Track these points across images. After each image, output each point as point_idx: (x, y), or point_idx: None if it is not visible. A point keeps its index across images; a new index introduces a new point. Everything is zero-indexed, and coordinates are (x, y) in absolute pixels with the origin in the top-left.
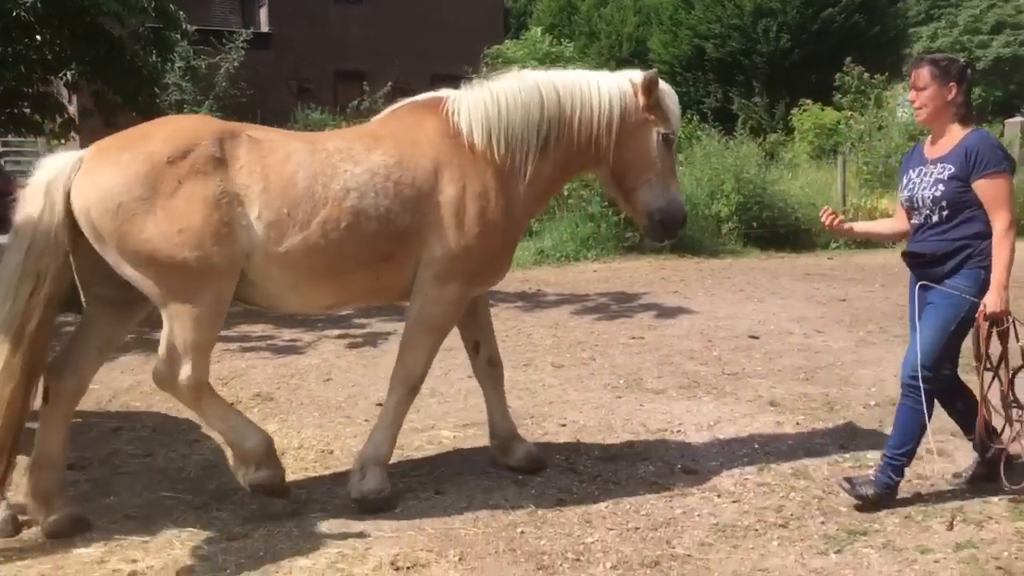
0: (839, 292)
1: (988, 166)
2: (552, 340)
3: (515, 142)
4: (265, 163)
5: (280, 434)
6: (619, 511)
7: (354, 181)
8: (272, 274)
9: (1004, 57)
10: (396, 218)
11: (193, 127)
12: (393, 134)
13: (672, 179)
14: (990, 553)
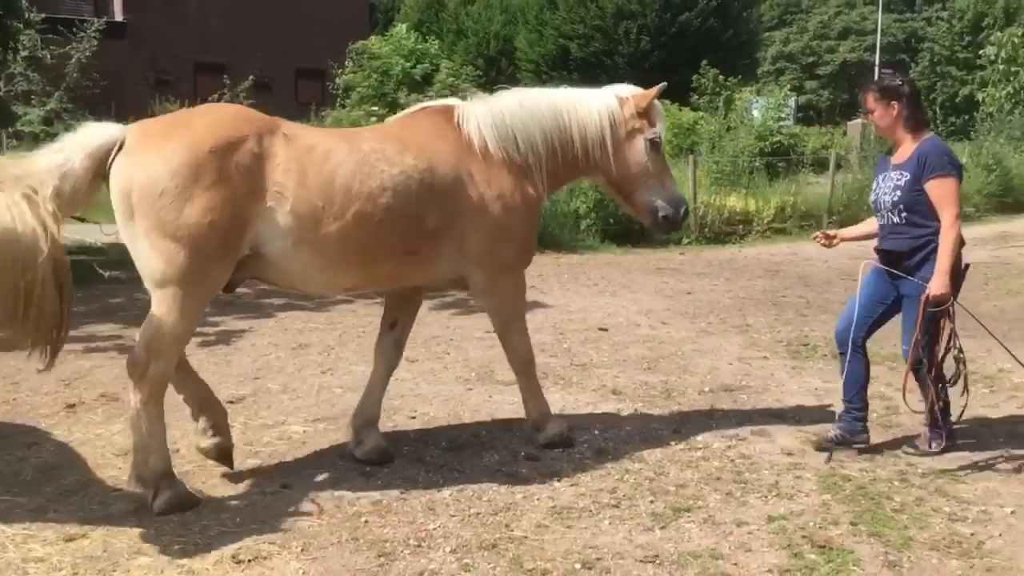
0: (686, 286)
1: (936, 169)
2: None
3: (523, 152)
4: (302, 160)
5: (124, 434)
6: (462, 498)
7: (391, 181)
8: (302, 259)
9: (851, 61)
10: (426, 218)
11: (235, 120)
12: (418, 139)
13: (667, 177)
14: (798, 523)
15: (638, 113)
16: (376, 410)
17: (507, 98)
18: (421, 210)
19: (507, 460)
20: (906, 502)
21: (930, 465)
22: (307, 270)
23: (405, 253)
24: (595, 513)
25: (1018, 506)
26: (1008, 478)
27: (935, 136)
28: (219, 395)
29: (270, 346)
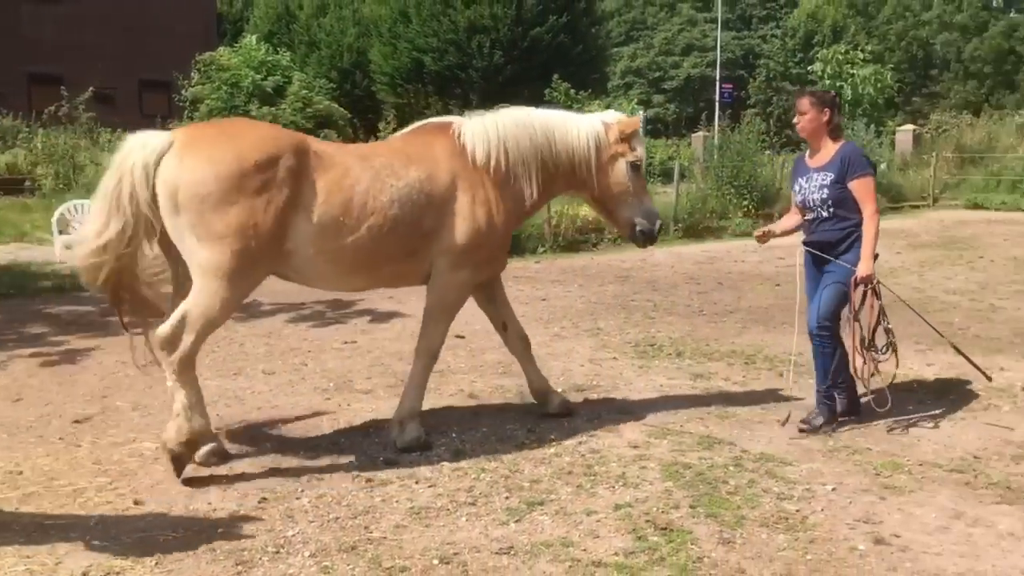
0: (541, 293)
1: (858, 170)
2: (265, 348)
3: (512, 164)
4: (327, 177)
5: None
6: (321, 504)
7: (397, 194)
8: (319, 265)
9: (694, 76)
10: (423, 222)
11: (276, 137)
12: (419, 152)
13: (645, 196)
14: (642, 509)
15: (621, 138)
16: (542, 382)
17: (502, 115)
18: (420, 216)
19: (366, 465)
20: (740, 485)
21: (762, 450)
22: (323, 274)
23: (406, 255)
24: (452, 511)
25: (838, 483)
26: (830, 458)
27: (851, 142)
28: (63, 417)
29: (119, 364)
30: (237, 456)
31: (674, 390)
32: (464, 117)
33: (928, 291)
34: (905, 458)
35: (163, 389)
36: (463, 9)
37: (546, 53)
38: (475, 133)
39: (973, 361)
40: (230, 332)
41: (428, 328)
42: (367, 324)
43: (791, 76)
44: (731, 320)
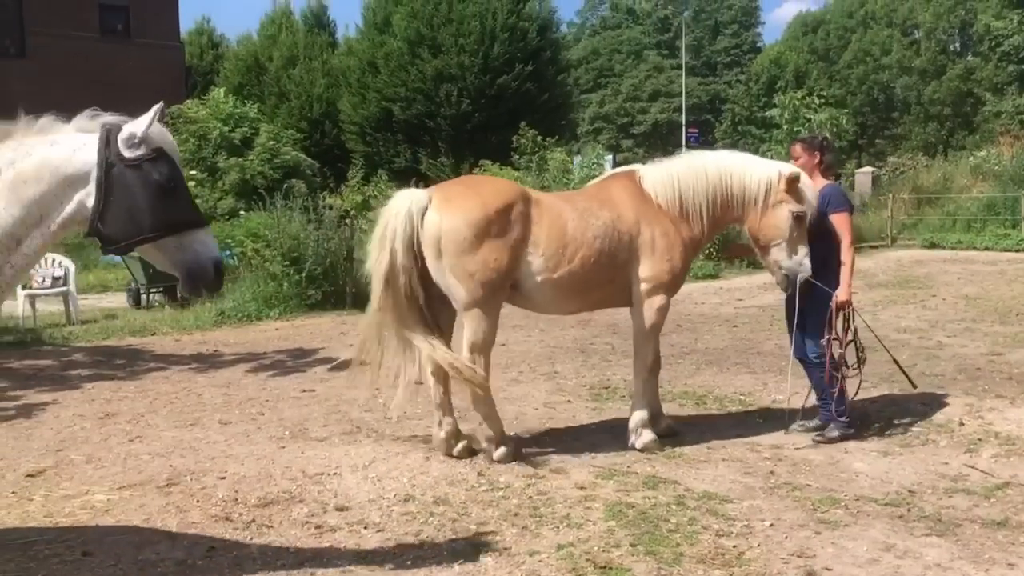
0: (501, 338)
1: (836, 206)
2: (223, 398)
3: (686, 203)
4: (549, 218)
5: None
6: (269, 551)
7: (600, 231)
8: (544, 292)
9: (661, 121)
10: (618, 254)
11: (510, 189)
12: (610, 196)
13: (800, 246)
14: (584, 549)
15: (788, 188)
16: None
17: (677, 162)
18: (616, 249)
19: (316, 512)
20: (680, 522)
21: (705, 488)
22: (546, 300)
23: (607, 282)
24: (399, 555)
25: (776, 519)
26: (770, 495)
27: (835, 183)
28: (17, 470)
29: (75, 417)
30: (187, 507)
31: (625, 432)
32: (646, 165)
33: (879, 330)
34: (842, 493)
35: (118, 441)
36: (430, 59)
37: (513, 100)
38: (654, 179)
39: (903, 368)
40: (190, 384)
41: (640, 348)
42: (326, 372)
43: (756, 120)
44: (686, 362)
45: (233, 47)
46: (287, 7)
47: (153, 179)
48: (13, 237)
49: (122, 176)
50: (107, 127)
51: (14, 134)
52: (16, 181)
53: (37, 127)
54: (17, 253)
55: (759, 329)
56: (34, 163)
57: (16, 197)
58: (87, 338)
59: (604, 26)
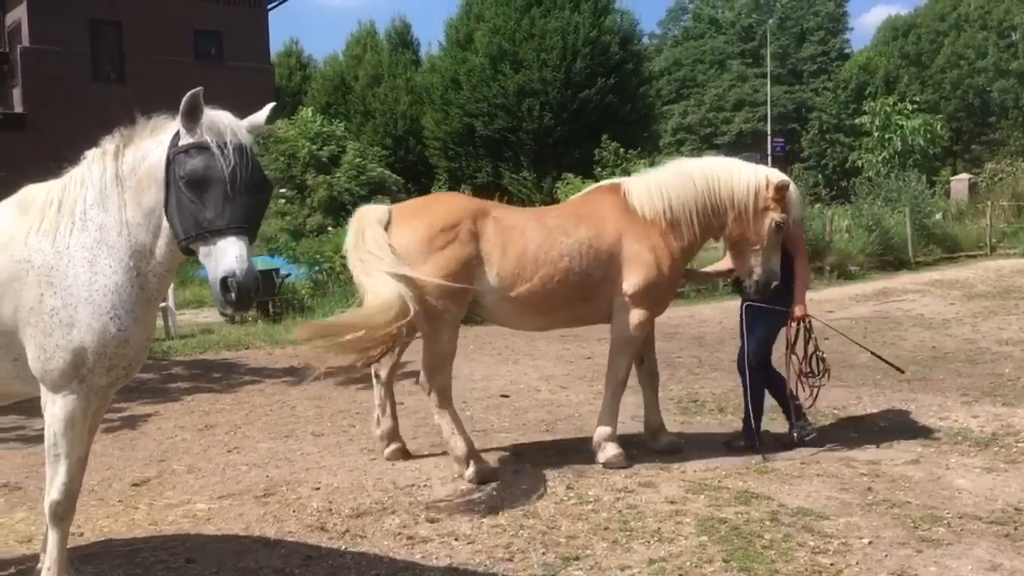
0: (587, 351)
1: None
2: (315, 411)
3: (675, 213)
4: (504, 236)
5: (28, 521)
6: (363, 561)
7: (569, 249)
8: (504, 308)
9: (745, 131)
10: (592, 273)
11: (459, 206)
12: (590, 212)
13: (774, 255)
14: (676, 564)
15: (775, 196)
16: (657, 418)
17: (663, 170)
18: (590, 268)
19: (408, 523)
20: (775, 539)
21: (799, 504)
22: (508, 316)
23: (579, 300)
24: (490, 567)
25: (875, 537)
26: (868, 511)
27: None
28: (123, 480)
29: (176, 428)
30: (284, 517)
31: (715, 446)
32: (631, 178)
33: (980, 342)
34: (944, 510)
35: (217, 452)
36: (512, 74)
37: (595, 114)
38: (640, 191)
39: (884, 358)
40: (283, 396)
41: (614, 361)
42: (414, 386)
43: (844, 128)
44: None
45: (320, 67)
46: (372, 27)
47: (181, 174)
48: (145, 246)
49: (177, 172)
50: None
51: (135, 139)
52: (137, 188)
53: (150, 127)
54: (153, 261)
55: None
56: (146, 168)
57: (137, 204)
58: (185, 352)
59: (686, 36)
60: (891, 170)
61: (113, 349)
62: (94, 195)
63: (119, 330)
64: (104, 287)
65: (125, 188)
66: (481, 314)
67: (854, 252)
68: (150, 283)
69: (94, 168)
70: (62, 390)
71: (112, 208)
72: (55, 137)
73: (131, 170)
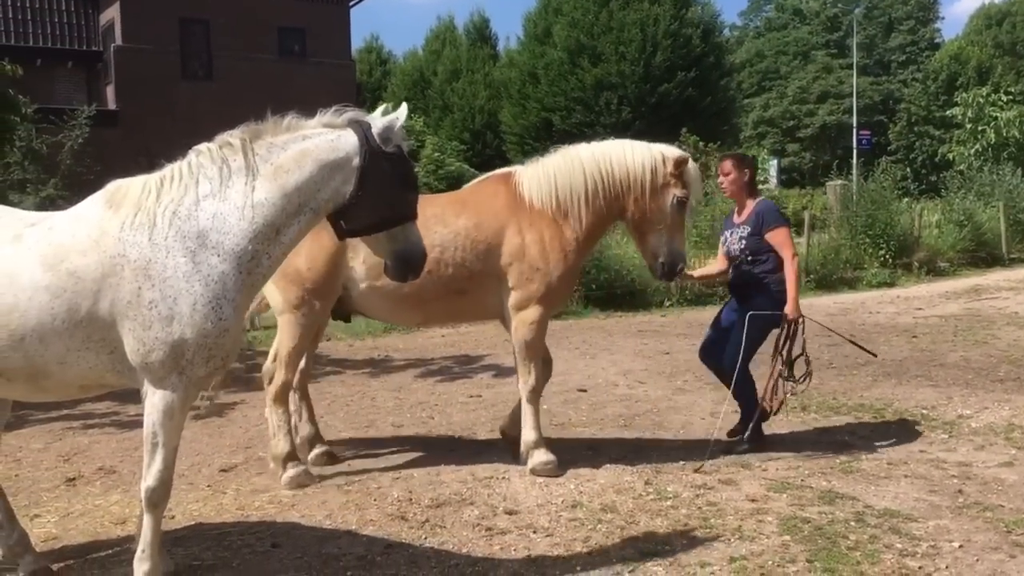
0: (664, 346)
1: (771, 223)
2: (395, 402)
3: (563, 201)
4: None
5: (123, 503)
6: (443, 552)
7: (443, 239)
8: (373, 301)
9: (830, 124)
10: (469, 264)
11: None
12: (476, 201)
13: (678, 234)
14: (757, 563)
15: (675, 172)
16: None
17: (553, 156)
18: (465, 259)
19: (486, 514)
20: (860, 540)
21: (886, 506)
22: (379, 309)
23: (455, 294)
24: (568, 560)
25: (966, 540)
26: (959, 515)
27: (766, 199)
28: (212, 465)
29: (261, 417)
30: (366, 505)
31: (797, 444)
32: (523, 165)
33: None
34: None
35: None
36: (590, 68)
37: (674, 107)
38: (529, 180)
39: (856, 342)
40: (364, 387)
41: (521, 369)
42: (492, 379)
43: (934, 120)
44: (861, 373)
45: (400, 63)
46: (451, 23)
47: (400, 172)
48: (273, 226)
49: (378, 167)
50: (359, 122)
51: (264, 133)
52: (277, 171)
53: (284, 124)
54: (276, 243)
55: (941, 340)
56: (293, 154)
57: (277, 186)
58: (269, 343)
59: (769, 27)
60: (984, 163)
61: (213, 340)
62: (210, 187)
63: (220, 319)
64: (207, 277)
65: (257, 175)
66: (352, 307)
67: (944, 248)
68: (262, 266)
69: (210, 161)
70: (162, 382)
71: (234, 196)
72: (146, 133)
73: (264, 160)
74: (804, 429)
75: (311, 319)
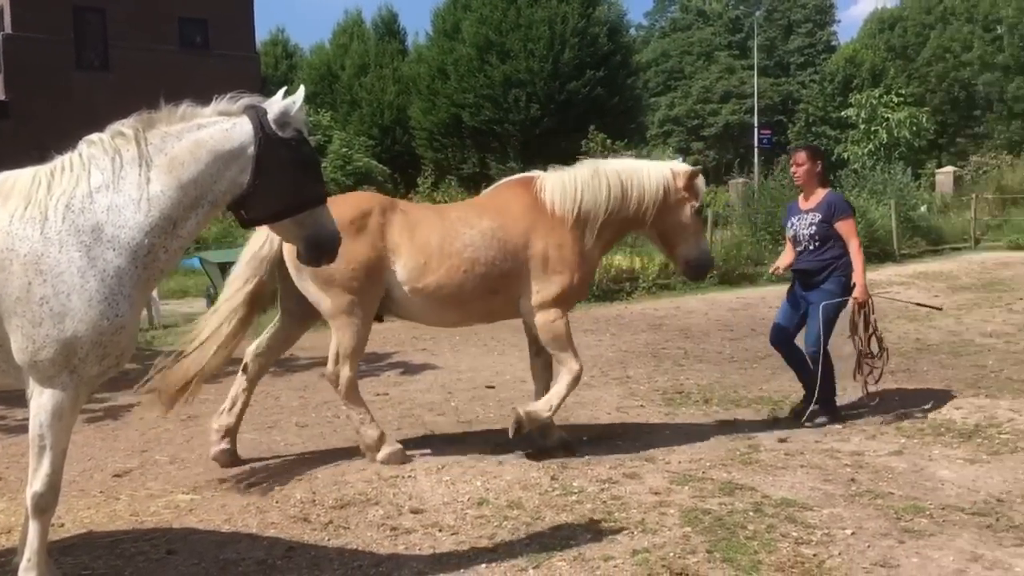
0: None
1: (841, 213)
2: (299, 402)
3: (584, 212)
4: (412, 228)
5: (8, 512)
6: (346, 553)
7: (472, 240)
8: (415, 302)
9: (732, 123)
10: (499, 264)
11: (367, 201)
12: (497, 205)
13: (701, 237)
14: (659, 555)
15: (686, 185)
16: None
17: (579, 168)
18: (495, 259)
19: (392, 514)
20: (758, 530)
21: (783, 496)
22: (421, 310)
23: (489, 293)
24: (473, 559)
25: (858, 528)
26: (851, 503)
27: (835, 190)
28: (105, 470)
29: (158, 419)
30: (267, 508)
31: (699, 437)
32: (546, 172)
33: (964, 334)
34: (927, 501)
35: (200, 443)
36: (499, 64)
37: (583, 105)
38: (553, 188)
39: (921, 303)
40: (267, 386)
41: (560, 359)
42: (399, 376)
43: (830, 120)
44: (761, 367)
45: (307, 56)
46: (359, 16)
47: (300, 157)
48: (170, 220)
49: (275, 153)
50: (254, 108)
51: (157, 122)
52: (172, 163)
53: (179, 113)
54: (173, 236)
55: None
56: (187, 145)
57: (173, 179)
58: (168, 342)
59: (674, 28)
60: (876, 162)
61: (108, 338)
62: (102, 178)
63: (117, 316)
64: (103, 272)
65: (152, 167)
66: (393, 310)
67: None
68: (159, 261)
69: (102, 152)
70: (51, 381)
71: (128, 188)
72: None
73: (158, 150)
74: (706, 422)
75: (363, 318)
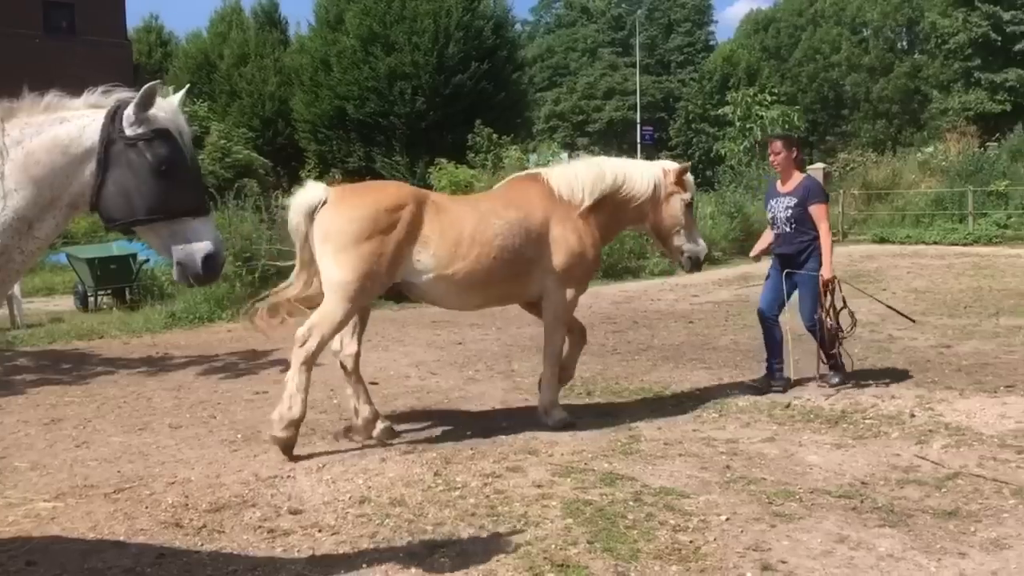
0: (458, 337)
1: (815, 197)
2: (173, 402)
3: (591, 200)
4: (444, 219)
5: None
6: (220, 557)
7: (502, 229)
8: (440, 286)
9: (616, 119)
10: (524, 251)
11: (401, 193)
12: (517, 197)
13: (694, 229)
14: (541, 547)
15: (676, 181)
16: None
17: (578, 164)
18: (521, 246)
19: (269, 516)
20: (638, 519)
21: (662, 484)
22: (444, 294)
23: (511, 277)
24: (354, 558)
25: (732, 513)
26: (726, 489)
27: (812, 176)
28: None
29: (19, 423)
30: (136, 514)
31: (582, 429)
32: (549, 167)
33: None
34: (797, 486)
35: (64, 447)
36: (383, 57)
37: (468, 99)
38: (560, 179)
39: (896, 308)
40: (139, 387)
41: (550, 337)
42: (279, 374)
43: (709, 118)
44: (643, 358)
45: (182, 45)
46: (237, 4)
47: (147, 160)
48: (25, 220)
49: (121, 154)
50: (119, 103)
51: (19, 112)
52: (27, 161)
53: (43, 104)
54: (28, 237)
55: (714, 324)
56: (44, 142)
57: (28, 177)
58: (32, 342)
59: (559, 24)
60: (752, 159)
61: None
62: None
63: None
64: None
65: (6, 160)
66: (414, 293)
67: (717, 238)
68: (14, 262)
69: None
70: None
71: None
72: None
73: (16, 142)
74: (588, 414)
75: (360, 301)
